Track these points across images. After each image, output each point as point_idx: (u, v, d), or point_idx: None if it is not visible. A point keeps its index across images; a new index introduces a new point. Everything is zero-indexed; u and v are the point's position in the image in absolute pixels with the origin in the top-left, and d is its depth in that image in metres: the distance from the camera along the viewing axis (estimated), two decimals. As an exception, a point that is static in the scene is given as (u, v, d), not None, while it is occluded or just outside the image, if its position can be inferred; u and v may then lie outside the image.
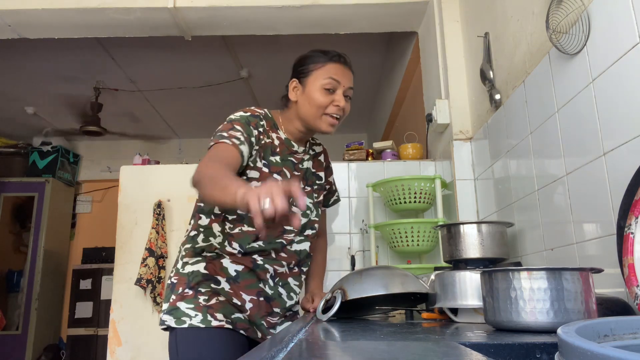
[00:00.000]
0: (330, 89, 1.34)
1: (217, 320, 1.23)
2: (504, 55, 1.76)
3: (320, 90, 1.34)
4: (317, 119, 1.36)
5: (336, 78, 1.35)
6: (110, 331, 2.39)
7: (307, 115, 1.37)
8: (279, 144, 1.40)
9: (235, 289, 1.30)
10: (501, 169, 1.79)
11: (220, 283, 1.29)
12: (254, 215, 0.90)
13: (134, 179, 2.62)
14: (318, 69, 1.36)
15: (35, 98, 4.56)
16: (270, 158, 1.36)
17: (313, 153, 1.54)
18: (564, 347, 0.39)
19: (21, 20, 2.60)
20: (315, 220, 1.48)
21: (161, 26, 2.66)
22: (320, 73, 1.36)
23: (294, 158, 1.43)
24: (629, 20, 1.04)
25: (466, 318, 1.02)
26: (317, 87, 1.34)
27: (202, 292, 1.27)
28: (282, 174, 1.38)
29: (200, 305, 1.25)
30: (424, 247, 2.12)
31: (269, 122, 1.40)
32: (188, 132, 5.44)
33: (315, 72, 1.36)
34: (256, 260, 1.34)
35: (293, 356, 0.56)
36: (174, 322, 1.23)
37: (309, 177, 1.48)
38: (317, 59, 1.38)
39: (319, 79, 1.35)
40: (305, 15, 2.58)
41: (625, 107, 1.05)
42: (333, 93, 1.35)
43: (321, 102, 1.34)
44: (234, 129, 1.27)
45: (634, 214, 0.90)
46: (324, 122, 1.36)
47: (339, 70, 1.37)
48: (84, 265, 5.07)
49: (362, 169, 2.48)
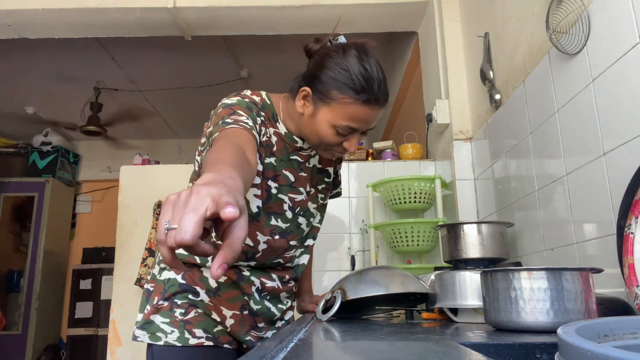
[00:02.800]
0: (344, 134, 1.05)
1: (195, 337, 1.09)
2: (504, 55, 1.76)
3: (331, 128, 1.04)
4: (319, 149, 1.11)
5: (356, 127, 1.03)
6: (110, 331, 2.39)
7: (307, 139, 1.11)
8: (276, 141, 1.13)
9: (215, 303, 1.13)
10: (501, 169, 1.79)
11: (199, 295, 1.13)
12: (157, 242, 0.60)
13: (134, 179, 2.63)
14: (340, 102, 1.01)
15: (35, 98, 4.56)
16: (267, 160, 1.12)
17: None
18: (564, 347, 0.39)
19: (21, 20, 2.60)
20: (317, 228, 1.28)
21: (161, 26, 2.66)
22: (341, 111, 1.02)
23: (299, 156, 1.16)
24: (629, 20, 1.04)
25: (466, 318, 1.02)
26: (329, 124, 1.04)
27: (179, 304, 1.11)
28: (281, 178, 1.14)
29: (177, 320, 1.10)
30: (424, 247, 2.12)
31: (268, 112, 1.12)
32: (188, 132, 5.44)
33: (335, 105, 1.02)
34: (241, 272, 1.16)
35: (293, 356, 0.56)
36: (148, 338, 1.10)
37: (314, 175, 1.23)
38: (344, 88, 1.00)
39: (335, 116, 1.02)
40: (305, 15, 2.58)
41: (625, 107, 1.05)
42: (346, 136, 1.06)
43: (328, 140, 1.06)
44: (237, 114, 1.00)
45: (634, 214, 0.90)
46: (327, 153, 1.12)
47: (367, 115, 1.03)
48: (84, 265, 5.07)
49: (362, 169, 2.48)
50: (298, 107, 1.08)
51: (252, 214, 1.11)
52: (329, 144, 1.07)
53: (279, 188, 1.13)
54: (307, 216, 1.22)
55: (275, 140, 1.13)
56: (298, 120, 1.11)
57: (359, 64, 1.01)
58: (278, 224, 1.16)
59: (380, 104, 1.04)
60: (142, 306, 1.17)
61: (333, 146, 1.08)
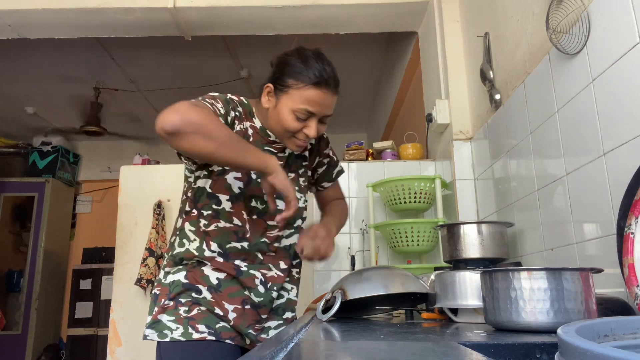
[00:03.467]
0: (302, 118, 1.18)
1: (198, 332, 1.16)
2: (504, 55, 1.76)
3: (291, 114, 1.18)
4: (284, 138, 1.23)
5: (312, 110, 1.17)
6: (110, 331, 2.39)
7: (274, 130, 1.25)
8: (252, 133, 1.26)
9: (217, 299, 1.20)
10: (501, 169, 1.79)
11: (201, 292, 1.20)
12: (290, 200, 1.09)
13: (134, 179, 2.63)
14: (296, 89, 1.17)
15: (35, 98, 4.57)
16: None
17: None
18: (564, 347, 0.39)
19: (21, 20, 2.60)
20: (304, 208, 1.35)
21: (161, 26, 2.66)
22: (297, 96, 1.17)
23: (273, 148, 1.29)
24: (629, 20, 1.04)
25: (466, 318, 1.02)
26: (289, 110, 1.18)
27: (183, 302, 1.19)
28: None
29: (181, 317, 1.17)
30: (424, 247, 2.12)
31: (245, 109, 1.27)
32: (188, 132, 5.44)
33: (292, 92, 1.17)
34: (239, 267, 1.23)
35: (293, 356, 0.56)
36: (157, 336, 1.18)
37: (292, 162, 1.34)
38: (298, 75, 1.17)
39: (293, 101, 1.17)
40: (305, 15, 2.58)
41: (625, 107, 1.05)
42: (305, 121, 1.19)
43: (290, 127, 1.19)
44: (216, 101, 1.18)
45: (634, 214, 0.90)
46: (291, 143, 1.23)
47: (320, 98, 1.17)
48: (84, 265, 5.07)
49: (362, 169, 2.48)
50: (264, 103, 1.23)
51: (235, 194, 1.22)
52: (290, 130, 1.20)
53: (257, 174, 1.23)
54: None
55: (252, 133, 1.26)
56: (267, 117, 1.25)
57: (312, 58, 1.20)
58: (257, 206, 1.25)
59: (331, 88, 1.19)
60: (151, 309, 1.25)
61: (295, 133, 1.21)
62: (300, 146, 1.24)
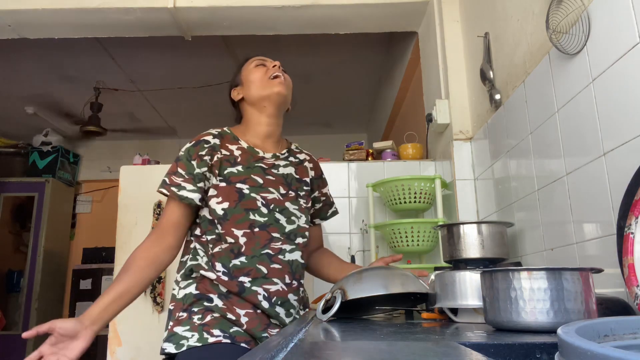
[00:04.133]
0: (260, 65, 1.44)
1: (213, 336, 1.20)
2: (504, 55, 1.76)
3: (252, 69, 1.44)
4: (265, 88, 1.40)
5: (259, 59, 1.46)
6: (110, 331, 2.39)
7: (257, 94, 1.41)
8: (240, 154, 1.38)
9: (229, 305, 1.25)
10: (501, 169, 1.79)
11: (212, 300, 1.26)
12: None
13: (134, 179, 2.62)
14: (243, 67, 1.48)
15: (35, 98, 4.56)
16: (230, 169, 1.34)
17: (295, 160, 1.49)
18: (564, 347, 0.39)
19: (21, 20, 2.60)
20: (305, 228, 1.41)
21: (161, 26, 2.66)
22: (246, 67, 1.47)
23: (263, 164, 1.39)
24: (629, 20, 1.04)
25: (466, 318, 1.02)
26: (250, 71, 1.44)
27: (196, 311, 1.24)
28: (250, 181, 1.34)
29: (196, 325, 1.22)
30: (424, 247, 2.12)
31: (227, 137, 1.40)
32: (188, 132, 5.44)
33: (243, 70, 1.48)
34: (243, 283, 1.26)
35: (293, 356, 0.56)
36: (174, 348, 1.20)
37: (292, 182, 1.43)
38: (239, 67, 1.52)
39: (247, 69, 1.45)
40: (305, 15, 2.58)
41: (625, 107, 1.05)
42: (264, 67, 1.44)
43: (257, 75, 1.42)
44: (176, 174, 1.31)
45: (634, 214, 0.90)
46: (272, 86, 1.40)
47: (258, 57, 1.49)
48: (84, 265, 5.07)
49: (362, 169, 2.48)
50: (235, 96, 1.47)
51: (220, 215, 1.30)
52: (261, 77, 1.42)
53: (250, 189, 1.33)
54: (285, 214, 1.36)
55: (240, 154, 1.38)
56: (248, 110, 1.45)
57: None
58: (256, 218, 1.31)
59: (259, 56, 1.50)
60: (167, 324, 1.29)
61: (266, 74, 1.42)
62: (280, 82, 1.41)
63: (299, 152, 1.54)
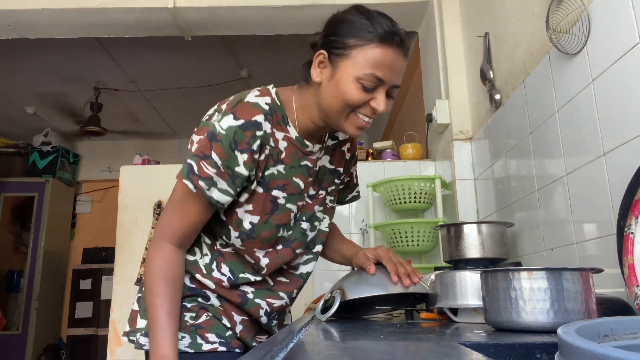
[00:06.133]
0: (369, 87, 0.95)
1: (208, 342, 1.02)
2: (504, 55, 1.76)
3: (355, 82, 0.94)
4: (342, 117, 0.98)
5: (381, 75, 0.94)
6: (110, 331, 2.39)
7: (329, 109, 0.99)
8: (286, 147, 1.03)
9: (227, 308, 1.08)
10: (501, 169, 1.79)
11: (209, 299, 1.07)
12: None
13: (134, 179, 2.62)
14: (360, 48, 0.94)
15: (35, 98, 4.56)
16: (271, 170, 1.02)
17: (334, 143, 1.17)
18: (564, 347, 0.39)
19: (21, 20, 2.60)
20: (325, 232, 1.19)
21: (161, 26, 2.66)
22: (362, 58, 0.94)
23: (309, 161, 1.08)
24: (629, 20, 1.04)
25: (466, 318, 1.02)
26: (352, 78, 0.94)
27: (188, 307, 1.05)
28: (290, 187, 1.05)
29: (188, 325, 1.03)
30: (424, 247, 2.12)
31: (276, 116, 1.02)
32: (188, 132, 5.44)
33: (355, 54, 0.94)
34: (246, 293, 1.08)
35: (293, 356, 0.56)
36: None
37: (324, 177, 1.15)
38: (362, 32, 0.94)
39: (357, 65, 0.94)
40: (305, 15, 2.58)
41: (625, 107, 1.05)
42: (372, 91, 0.96)
43: (353, 99, 0.95)
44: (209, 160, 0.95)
45: (634, 214, 0.90)
46: (351, 124, 0.99)
47: (390, 59, 0.94)
48: (84, 265, 5.07)
49: (362, 169, 2.45)
50: (315, 77, 0.99)
51: (245, 230, 1.03)
52: (354, 104, 0.96)
53: (287, 197, 1.05)
54: (311, 220, 1.13)
55: (285, 146, 1.03)
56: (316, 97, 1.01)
57: (377, 14, 0.97)
58: (283, 234, 1.09)
59: (403, 48, 0.96)
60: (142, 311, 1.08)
61: (359, 108, 0.97)
62: (362, 127, 0.99)
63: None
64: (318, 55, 0.99)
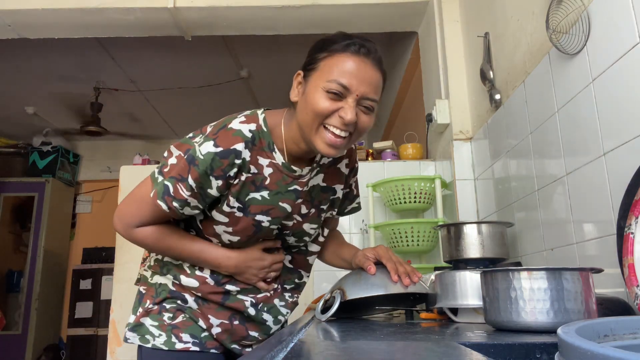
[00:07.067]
0: (337, 92, 0.94)
1: (182, 342, 1.10)
2: (504, 55, 1.76)
3: (321, 92, 0.95)
4: (313, 131, 0.97)
5: (345, 82, 0.94)
6: (110, 331, 2.39)
7: (304, 125, 0.99)
8: (271, 174, 1.04)
9: (204, 310, 1.13)
10: (501, 169, 1.79)
11: (187, 301, 1.13)
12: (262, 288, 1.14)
13: (134, 179, 2.61)
14: (326, 60, 0.96)
15: (35, 98, 4.57)
16: (253, 195, 1.04)
17: (329, 161, 1.16)
18: (564, 347, 0.39)
19: (21, 20, 2.60)
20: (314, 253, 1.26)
21: (161, 26, 2.66)
22: (327, 67, 0.95)
23: (298, 185, 1.08)
24: (629, 20, 1.04)
25: (466, 318, 1.02)
26: (318, 88, 0.95)
27: (167, 308, 1.13)
28: (275, 212, 1.07)
29: (165, 324, 1.11)
30: (424, 247, 2.12)
31: (261, 142, 1.03)
32: (188, 132, 5.39)
33: (322, 65, 0.96)
34: (229, 292, 1.13)
35: (293, 356, 0.56)
36: (138, 340, 1.13)
37: (316, 195, 1.15)
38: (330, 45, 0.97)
39: (323, 76, 0.95)
40: (305, 15, 2.58)
41: (625, 107, 1.05)
42: (340, 100, 0.95)
43: (319, 107, 0.95)
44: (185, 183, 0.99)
45: (634, 214, 0.90)
46: (320, 139, 0.97)
47: (354, 66, 0.95)
48: (84, 265, 5.07)
49: (362, 169, 2.44)
50: (293, 97, 1.02)
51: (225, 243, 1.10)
52: (321, 112, 0.95)
53: (271, 221, 1.08)
54: (297, 235, 1.17)
55: (270, 172, 1.04)
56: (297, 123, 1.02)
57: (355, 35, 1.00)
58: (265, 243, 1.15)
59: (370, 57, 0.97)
60: (135, 308, 1.19)
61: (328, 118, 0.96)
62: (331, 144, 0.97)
63: None
64: (297, 77, 1.03)
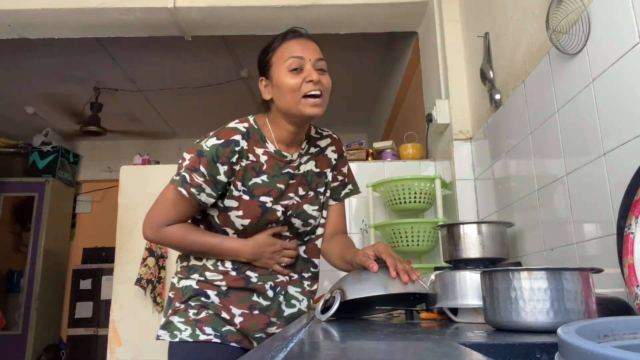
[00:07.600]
0: (296, 68, 1.20)
1: (204, 334, 1.24)
2: (504, 55, 1.76)
3: (286, 74, 1.21)
4: (298, 104, 1.20)
5: (297, 54, 1.21)
6: (110, 331, 2.39)
7: (287, 106, 1.22)
8: (266, 160, 1.27)
9: (225, 303, 1.28)
10: (501, 169, 1.79)
11: (209, 297, 1.28)
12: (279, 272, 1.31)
13: (134, 179, 2.62)
14: (275, 53, 1.25)
15: (35, 98, 4.56)
16: (255, 180, 1.25)
17: (316, 150, 1.38)
18: (564, 347, 0.39)
19: (21, 20, 2.60)
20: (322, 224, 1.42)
21: (161, 26, 2.66)
22: (279, 56, 1.23)
23: (291, 168, 1.31)
24: (629, 20, 1.04)
25: (466, 318, 1.02)
26: (283, 72, 1.21)
27: (192, 305, 1.28)
28: (274, 192, 1.27)
29: (190, 319, 1.26)
30: (424, 247, 2.12)
31: (255, 136, 1.27)
32: (188, 132, 5.44)
33: (275, 59, 1.24)
34: (250, 278, 1.29)
35: (293, 356, 0.56)
36: (168, 336, 1.26)
37: (312, 179, 1.35)
38: (271, 45, 1.27)
39: (280, 63, 1.22)
40: (305, 15, 2.58)
41: (625, 107, 1.05)
42: (301, 71, 1.21)
43: (292, 84, 1.19)
44: (198, 172, 1.21)
45: (634, 214, 0.90)
46: (305, 106, 1.20)
47: (298, 45, 1.23)
48: (84, 265, 5.07)
49: (362, 169, 2.47)
50: (266, 96, 1.28)
51: (238, 229, 1.27)
52: (295, 87, 1.20)
53: (273, 200, 1.27)
54: (302, 217, 1.33)
55: (266, 159, 1.28)
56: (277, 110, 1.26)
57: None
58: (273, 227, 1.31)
59: (303, 35, 1.27)
60: (165, 311, 1.33)
61: (301, 87, 1.20)
62: (315, 104, 1.20)
63: (319, 137, 1.42)
64: (260, 82, 1.30)
